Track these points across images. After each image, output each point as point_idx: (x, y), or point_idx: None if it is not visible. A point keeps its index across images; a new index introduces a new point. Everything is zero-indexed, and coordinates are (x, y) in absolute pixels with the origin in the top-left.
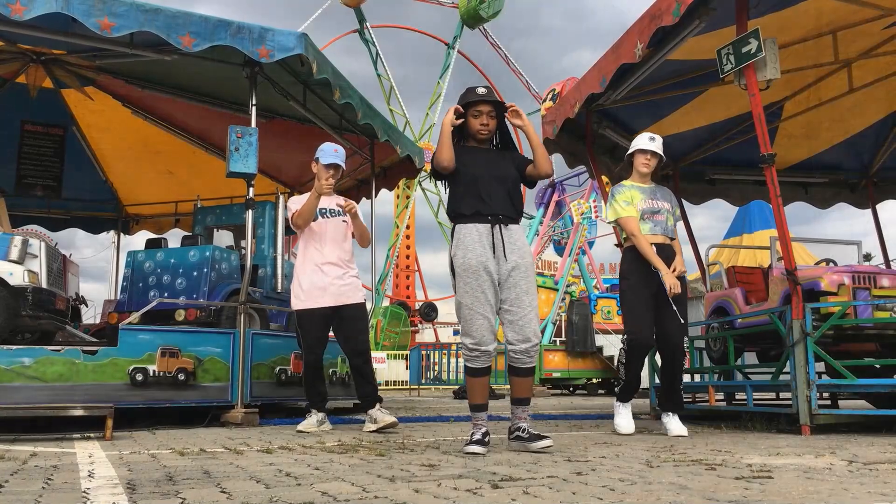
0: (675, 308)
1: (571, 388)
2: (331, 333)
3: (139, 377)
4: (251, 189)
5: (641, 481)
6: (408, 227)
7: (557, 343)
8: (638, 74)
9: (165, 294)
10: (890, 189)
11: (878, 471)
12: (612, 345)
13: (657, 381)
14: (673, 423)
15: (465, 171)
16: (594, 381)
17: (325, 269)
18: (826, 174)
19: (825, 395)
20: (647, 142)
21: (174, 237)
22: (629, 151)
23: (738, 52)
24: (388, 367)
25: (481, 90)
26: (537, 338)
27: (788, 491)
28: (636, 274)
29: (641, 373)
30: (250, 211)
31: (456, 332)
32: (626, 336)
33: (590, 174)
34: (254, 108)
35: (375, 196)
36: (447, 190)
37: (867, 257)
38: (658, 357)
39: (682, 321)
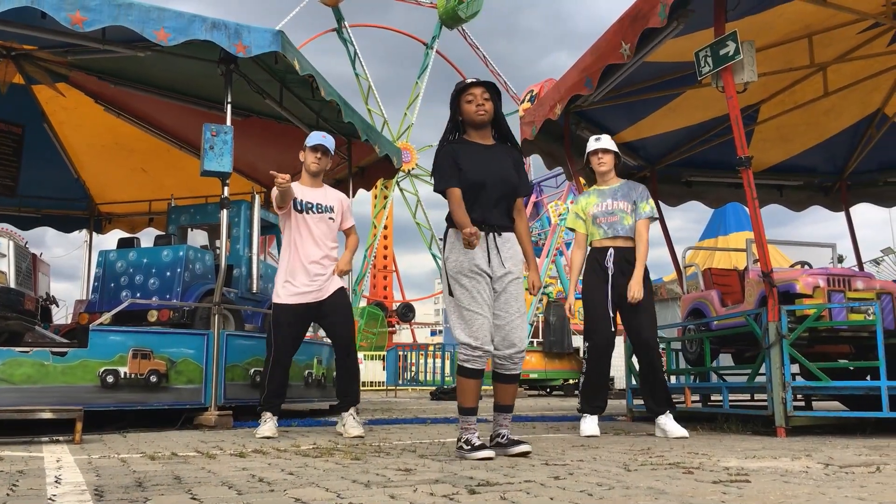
0: (638, 305)
1: (548, 389)
2: (309, 334)
3: (110, 379)
4: (226, 188)
5: (619, 486)
6: (385, 228)
7: (534, 344)
8: (616, 76)
9: (138, 294)
10: (863, 192)
11: (854, 474)
12: None
13: (633, 382)
14: (670, 425)
15: (469, 178)
16: (571, 381)
17: (308, 268)
18: (800, 177)
19: (799, 396)
20: (593, 143)
21: (148, 236)
22: (584, 159)
23: (716, 54)
24: (365, 368)
25: (472, 80)
26: (522, 344)
27: (766, 496)
28: (594, 275)
29: (607, 378)
30: (225, 210)
31: (433, 333)
32: (586, 340)
33: (567, 175)
34: (229, 106)
35: (353, 196)
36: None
37: (840, 260)
38: (635, 360)
39: (647, 314)
